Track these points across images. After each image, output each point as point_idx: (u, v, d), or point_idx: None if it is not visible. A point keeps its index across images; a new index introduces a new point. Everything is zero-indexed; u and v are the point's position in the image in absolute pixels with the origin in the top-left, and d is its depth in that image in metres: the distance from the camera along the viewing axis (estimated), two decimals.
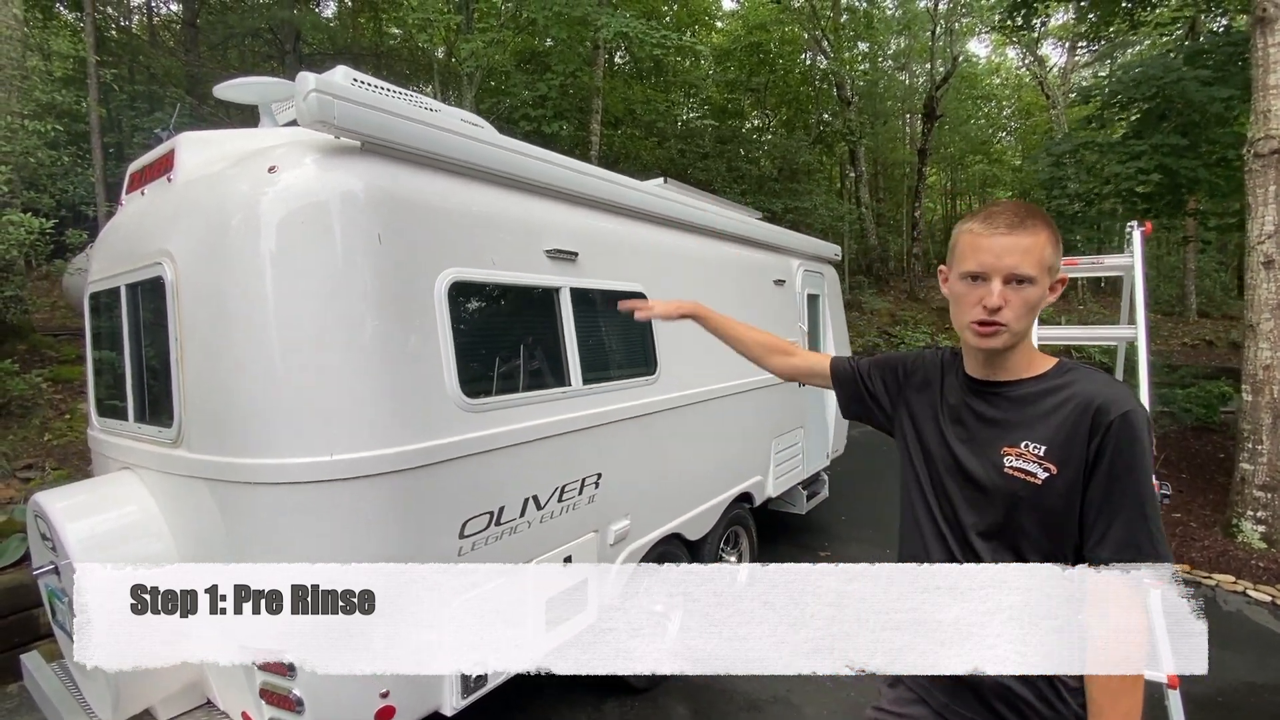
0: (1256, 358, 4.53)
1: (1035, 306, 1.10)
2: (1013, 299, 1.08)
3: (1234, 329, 21.33)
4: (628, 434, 2.80)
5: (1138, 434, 1.03)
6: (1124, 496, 1.03)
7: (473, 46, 9.40)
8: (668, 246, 3.34)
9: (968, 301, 1.12)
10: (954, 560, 1.19)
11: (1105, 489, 1.04)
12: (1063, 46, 23.84)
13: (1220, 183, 7.20)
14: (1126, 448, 1.03)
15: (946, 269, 1.20)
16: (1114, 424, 1.03)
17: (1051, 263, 1.09)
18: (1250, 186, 4.57)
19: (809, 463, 4.84)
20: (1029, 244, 1.07)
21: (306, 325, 1.80)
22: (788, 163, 17.77)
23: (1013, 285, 1.08)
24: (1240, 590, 4.14)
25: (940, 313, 20.09)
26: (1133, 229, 2.66)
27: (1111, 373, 3.35)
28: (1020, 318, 1.09)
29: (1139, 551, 1.02)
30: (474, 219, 2.22)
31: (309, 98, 1.77)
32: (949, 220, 33.56)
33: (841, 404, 1.48)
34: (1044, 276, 1.09)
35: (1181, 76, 6.38)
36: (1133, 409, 1.04)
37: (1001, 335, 1.10)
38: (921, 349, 1.43)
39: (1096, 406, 1.05)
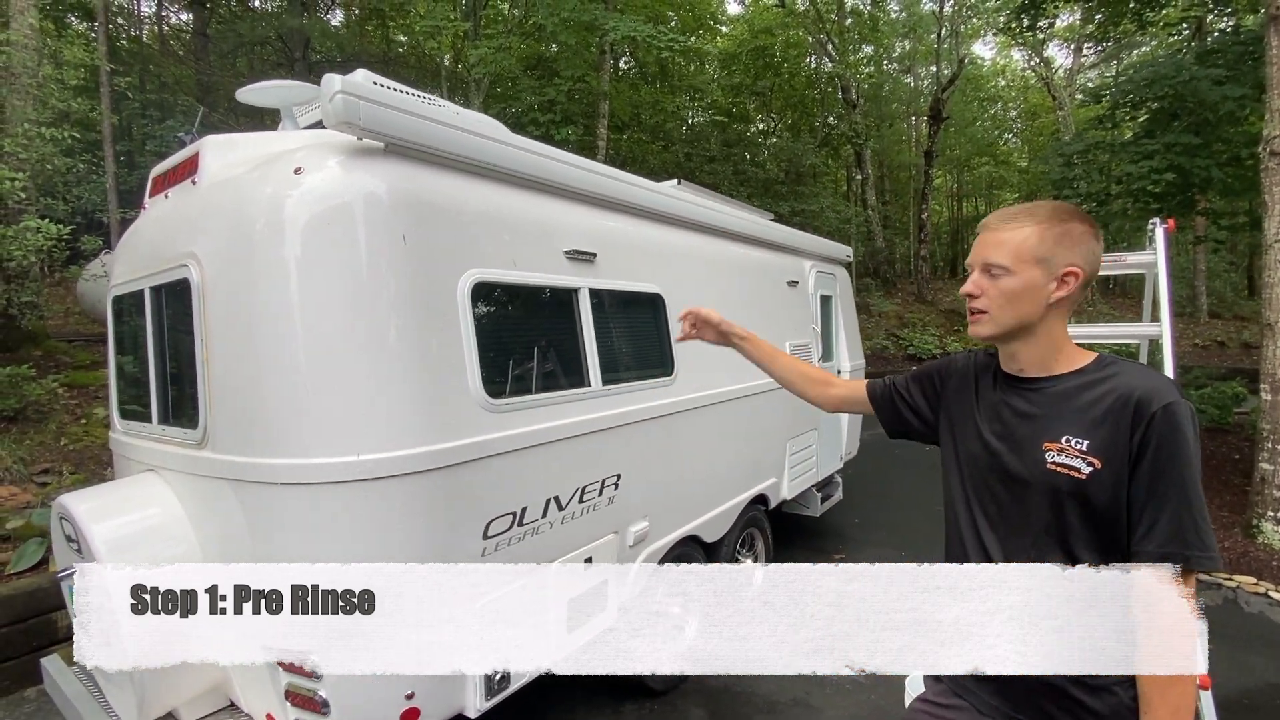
0: (1276, 356, 4.49)
1: (1016, 296, 1.12)
2: (988, 288, 1.14)
3: (1245, 329, 21.19)
4: (646, 435, 2.79)
5: (1181, 426, 1.02)
6: (1169, 489, 1.02)
7: (481, 53, 9.44)
8: (683, 248, 3.34)
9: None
10: (990, 560, 1.18)
11: (1150, 482, 1.03)
12: (1068, 48, 23.81)
13: (1232, 181, 7.16)
14: (1170, 440, 1.02)
15: None
16: (1156, 415, 1.02)
17: (1036, 254, 1.11)
18: (1267, 185, 4.54)
19: (823, 465, 4.82)
20: (1006, 237, 1.13)
21: (333, 326, 1.80)
22: (794, 166, 17.79)
23: (989, 275, 1.14)
24: (1262, 592, 4.09)
25: (948, 315, 20.02)
26: (1155, 226, 2.64)
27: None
28: (1001, 307, 1.13)
29: (1185, 544, 1.01)
30: (495, 220, 2.22)
31: (335, 99, 1.78)
32: (955, 223, 33.51)
33: (885, 425, 1.48)
34: (1023, 267, 1.11)
35: (1194, 76, 6.36)
36: (1176, 400, 1.03)
37: (984, 323, 1.16)
38: (954, 354, 1.45)
39: (1138, 399, 1.04)
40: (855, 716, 2.88)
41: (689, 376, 3.09)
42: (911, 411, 1.41)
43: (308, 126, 2.62)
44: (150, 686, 1.90)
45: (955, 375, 1.34)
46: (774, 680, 3.16)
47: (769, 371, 1.67)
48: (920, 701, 1.38)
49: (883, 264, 21.47)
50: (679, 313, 3.04)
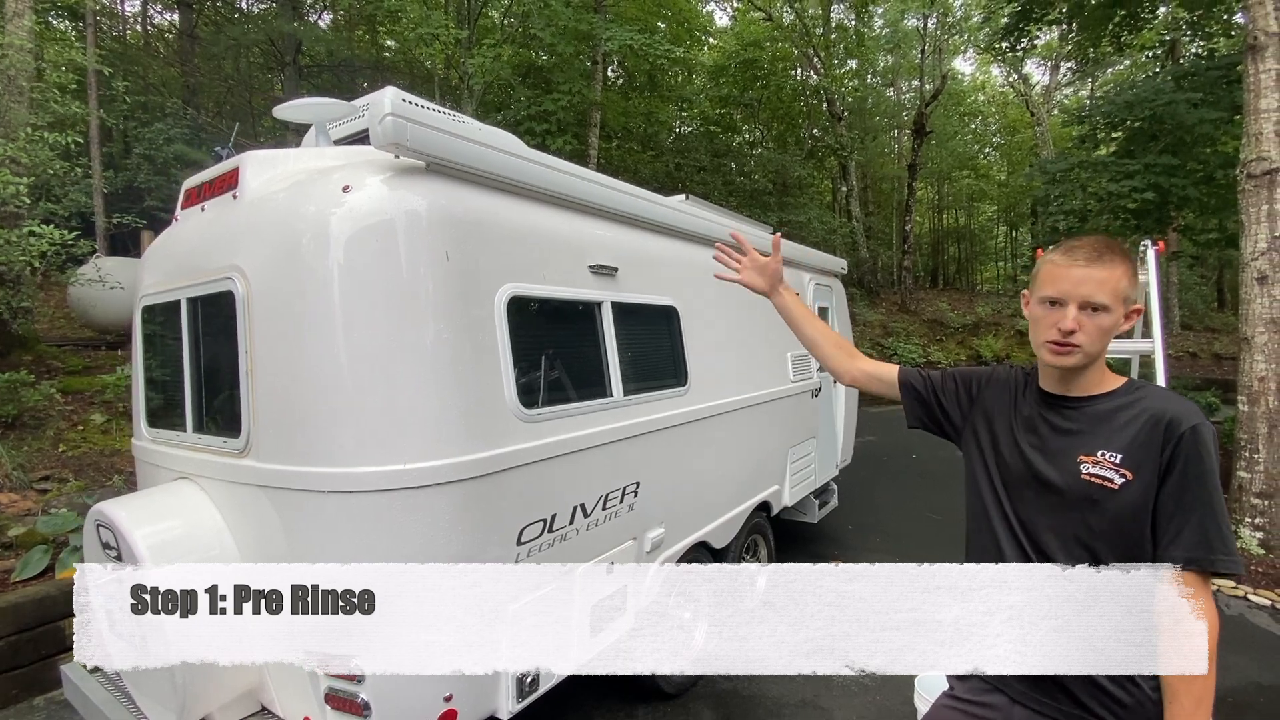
0: (1252, 370, 4.70)
1: (1108, 332, 1.21)
2: (1087, 324, 1.19)
3: (1216, 341, 21.83)
4: (662, 443, 2.88)
5: (1206, 444, 1.14)
6: (1196, 500, 1.13)
7: (479, 61, 9.51)
8: (694, 261, 3.43)
9: (1045, 323, 1.23)
10: (1027, 560, 1.28)
11: (1178, 494, 1.14)
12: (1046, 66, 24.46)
13: (1207, 200, 7.46)
14: (1197, 457, 1.14)
15: (1029, 294, 1.31)
16: (1185, 435, 1.14)
17: (1127, 294, 1.21)
18: (1244, 205, 4.77)
19: (821, 472, 4.94)
20: (1104, 276, 1.18)
21: (379, 338, 1.87)
22: (781, 177, 18.04)
23: (1087, 312, 1.20)
24: (1241, 595, 4.28)
25: (931, 324, 20.37)
26: (1147, 248, 2.79)
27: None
28: (1094, 341, 1.20)
29: (1210, 549, 1.12)
30: (526, 235, 2.30)
31: (384, 121, 1.85)
32: (936, 234, 34.10)
33: (909, 412, 1.54)
34: (1118, 305, 1.20)
35: (1173, 99, 6.64)
36: (1202, 422, 1.15)
37: (1075, 355, 1.21)
38: (996, 366, 1.54)
39: (1169, 420, 1.16)
40: (862, 717, 2.98)
41: (700, 387, 3.19)
42: (941, 409, 1.49)
43: (338, 141, 2.69)
44: (193, 688, 1.94)
45: (996, 385, 1.43)
46: (782, 682, 3.25)
47: (800, 331, 1.69)
48: (947, 698, 1.46)
49: (867, 274, 21.79)
50: (692, 325, 3.16)
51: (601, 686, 3.18)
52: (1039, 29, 9.73)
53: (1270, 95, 4.63)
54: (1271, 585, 4.34)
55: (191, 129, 12.07)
